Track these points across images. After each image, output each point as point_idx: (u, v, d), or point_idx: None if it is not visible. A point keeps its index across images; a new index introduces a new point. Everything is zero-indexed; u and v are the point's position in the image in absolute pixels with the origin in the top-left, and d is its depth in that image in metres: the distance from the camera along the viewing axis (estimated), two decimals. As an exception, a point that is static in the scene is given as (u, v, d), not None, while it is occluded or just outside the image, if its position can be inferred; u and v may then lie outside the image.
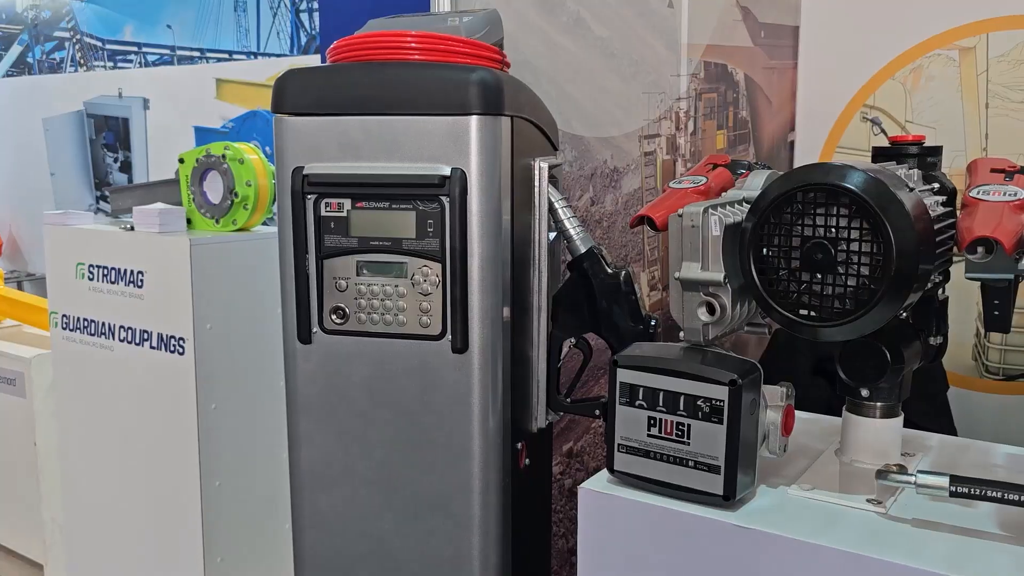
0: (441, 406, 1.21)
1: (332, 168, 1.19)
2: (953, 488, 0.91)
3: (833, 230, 0.92)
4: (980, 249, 0.87)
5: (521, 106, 1.23)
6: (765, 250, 0.97)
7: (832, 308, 0.94)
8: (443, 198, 1.15)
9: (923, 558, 0.87)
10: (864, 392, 1.08)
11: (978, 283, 0.97)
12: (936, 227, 0.96)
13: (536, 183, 1.26)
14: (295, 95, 1.21)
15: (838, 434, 1.13)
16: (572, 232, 1.32)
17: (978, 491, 0.90)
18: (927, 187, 1.05)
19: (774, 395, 1.03)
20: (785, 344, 1.45)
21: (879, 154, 1.14)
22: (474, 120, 1.14)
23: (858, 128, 3.17)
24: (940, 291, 1.11)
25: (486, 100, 1.14)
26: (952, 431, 2.02)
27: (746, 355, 1.02)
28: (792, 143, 3.23)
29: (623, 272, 1.30)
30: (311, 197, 1.20)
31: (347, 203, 1.19)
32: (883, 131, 3.16)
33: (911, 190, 0.94)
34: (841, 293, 0.93)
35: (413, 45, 1.19)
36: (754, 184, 1.08)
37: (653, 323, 1.31)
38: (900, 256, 0.89)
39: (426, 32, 1.20)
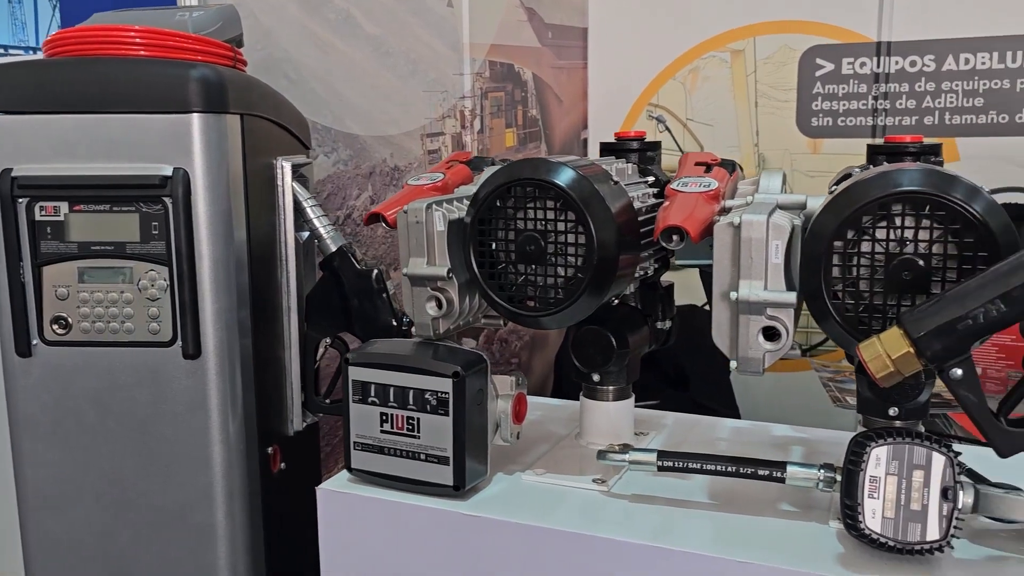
0: (176, 414, 1.16)
1: (45, 170, 1.12)
2: (660, 463, 0.96)
3: (543, 223, 0.96)
4: (675, 238, 0.92)
5: (254, 104, 1.20)
6: (485, 243, 0.99)
7: (548, 298, 0.98)
8: (166, 199, 1.11)
9: (631, 530, 0.92)
10: (595, 377, 1.13)
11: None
12: (641, 218, 1.01)
13: (279, 182, 1.24)
14: (2, 92, 1.13)
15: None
16: (322, 231, 1.30)
17: (682, 464, 0.96)
18: (642, 180, 1.11)
19: (504, 384, 1.06)
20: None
21: (604, 149, 1.19)
22: (196, 118, 1.10)
23: (645, 126, 3.32)
24: (661, 278, 1.18)
25: (208, 98, 1.10)
26: (735, 409, 2.17)
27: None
28: (585, 141, 3.36)
29: (375, 271, 1.30)
30: (22, 201, 1.12)
31: (64, 206, 1.12)
32: (667, 129, 3.34)
33: (615, 183, 0.99)
34: (554, 283, 0.97)
35: (137, 40, 1.14)
36: (487, 180, 1.11)
37: (407, 320, 1.32)
38: (601, 246, 0.93)
39: (148, 27, 1.15)
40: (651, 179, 1.12)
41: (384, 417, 1.01)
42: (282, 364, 1.28)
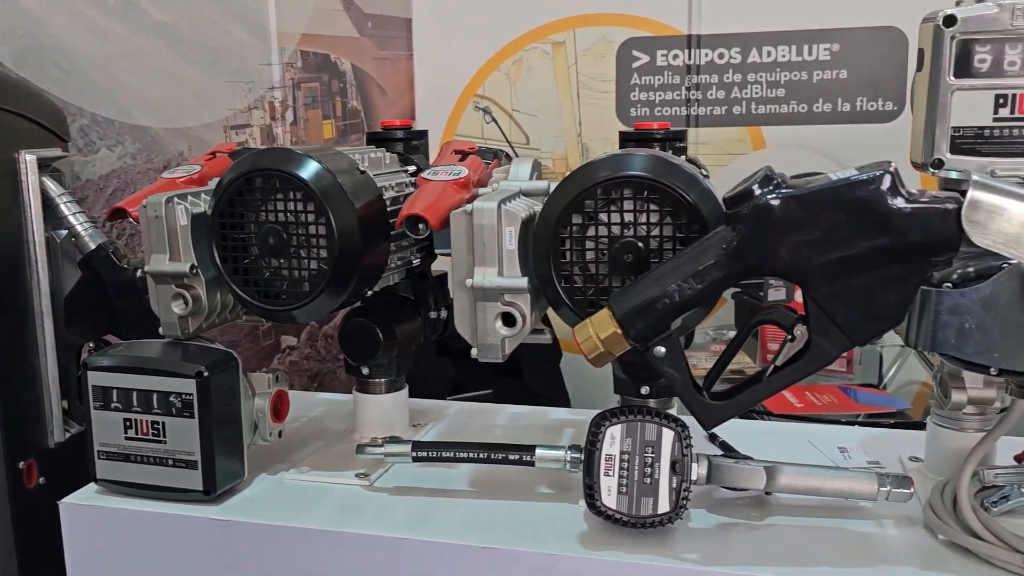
0: (-99, 433, 1.07)
1: None
2: (415, 453, 0.96)
3: (285, 215, 0.93)
4: (421, 226, 0.92)
5: (-14, 94, 1.11)
6: (229, 237, 0.95)
7: (296, 292, 0.95)
8: None
9: (382, 524, 0.91)
10: (364, 370, 1.12)
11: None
12: (393, 208, 1.00)
13: (23, 178, 1.15)
14: None
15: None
16: (79, 228, 1.22)
17: (436, 453, 0.96)
18: (401, 169, 1.09)
19: (261, 382, 1.03)
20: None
21: (370, 138, 1.17)
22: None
23: (472, 117, 3.35)
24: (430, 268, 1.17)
25: (-78, 86, 1.01)
26: (565, 396, 2.20)
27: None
28: (414, 132, 3.33)
29: (140, 270, 1.24)
30: None
31: None
32: (494, 120, 3.36)
33: (362, 173, 0.97)
34: (300, 276, 0.94)
35: None
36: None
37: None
38: (343, 237, 0.91)
39: None
40: (412, 168, 1.11)
41: (128, 423, 0.96)
42: (37, 372, 1.20)
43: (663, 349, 0.76)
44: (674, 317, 0.74)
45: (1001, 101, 0.82)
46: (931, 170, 0.84)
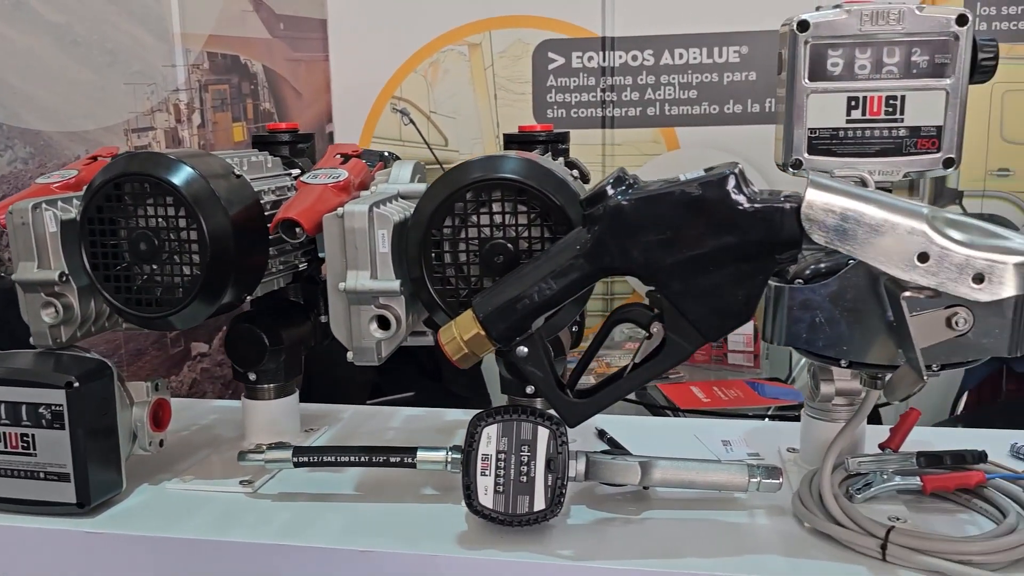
0: None
1: None
2: (296, 459, 0.95)
3: (156, 220, 0.92)
4: (297, 230, 0.91)
5: None
6: (99, 243, 0.93)
7: (171, 298, 0.94)
8: None
9: (259, 532, 0.90)
10: (252, 376, 1.10)
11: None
12: (270, 212, 0.99)
13: None
14: None
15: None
16: (-48, 236, 1.18)
17: (317, 458, 0.95)
18: (285, 172, 1.09)
19: (140, 391, 1.00)
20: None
21: (256, 141, 1.16)
22: None
23: (390, 119, 3.33)
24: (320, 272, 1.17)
25: None
26: (486, 397, 2.20)
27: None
28: (331, 134, 3.31)
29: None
30: None
31: None
32: (412, 121, 3.35)
33: (238, 177, 0.96)
34: (172, 283, 0.93)
35: None
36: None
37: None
38: (215, 241, 0.90)
39: None
40: (296, 172, 1.10)
41: (-4, 436, 0.93)
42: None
43: (525, 349, 0.77)
44: (535, 317, 0.75)
45: (853, 103, 0.85)
46: (791, 170, 0.87)
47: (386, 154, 1.17)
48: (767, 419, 2.06)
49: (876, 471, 0.91)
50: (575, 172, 1.03)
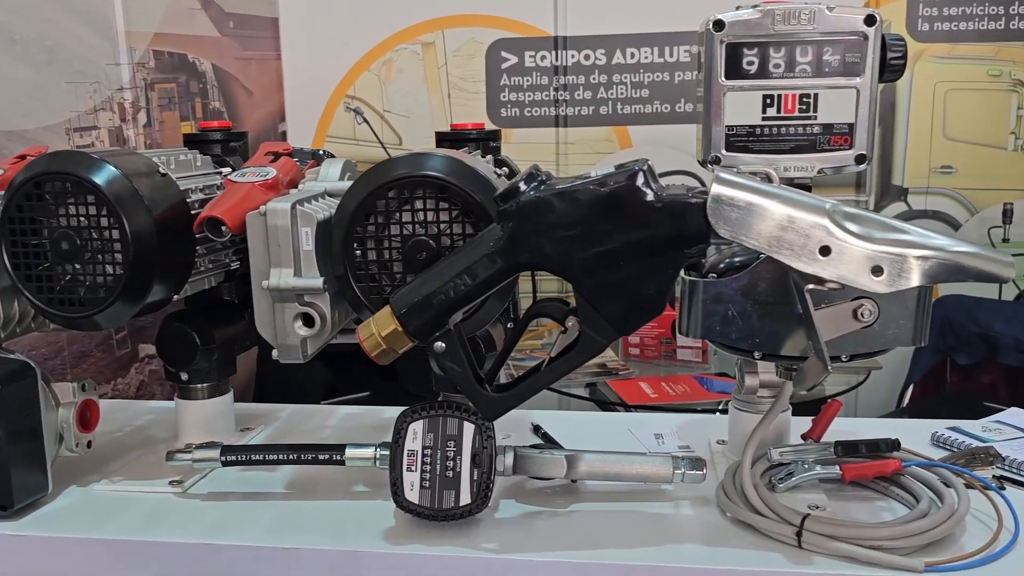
0: None
1: None
2: (224, 458, 0.95)
3: (77, 219, 0.91)
4: (223, 228, 0.91)
5: None
6: (21, 243, 0.92)
7: (95, 298, 0.93)
8: None
9: (185, 531, 0.90)
10: (183, 375, 1.10)
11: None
12: (197, 211, 0.99)
13: None
14: None
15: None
16: None
17: (245, 457, 0.95)
18: (215, 171, 1.08)
19: (66, 392, 1.00)
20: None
21: (187, 140, 1.15)
22: None
23: (343, 118, 3.32)
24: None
25: None
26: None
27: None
28: (284, 133, 3.29)
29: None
30: None
31: None
32: (365, 120, 3.34)
33: (163, 176, 0.96)
34: (94, 283, 0.92)
35: None
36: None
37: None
38: (138, 241, 0.90)
39: None
40: (227, 170, 1.10)
41: (-84, 440, 0.92)
42: None
43: (443, 345, 0.77)
44: (451, 313, 0.76)
45: (768, 101, 0.87)
46: (710, 166, 0.89)
47: (321, 153, 1.17)
48: (718, 413, 2.08)
49: (797, 461, 0.93)
50: (504, 170, 1.04)
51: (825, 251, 0.69)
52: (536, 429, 1.15)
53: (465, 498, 0.87)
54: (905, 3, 2.84)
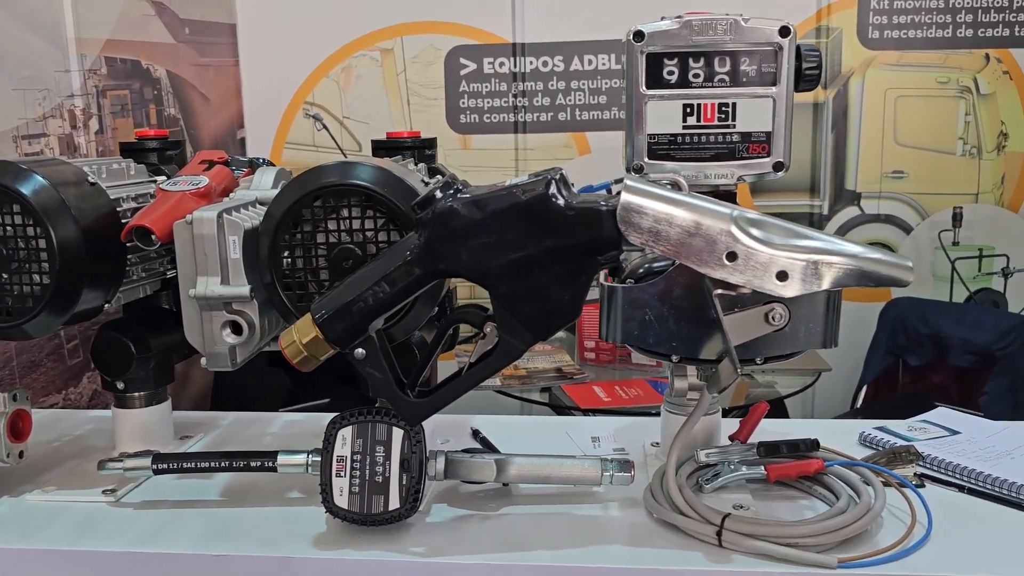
0: None
1: None
2: (155, 466, 0.95)
3: (5, 228, 0.91)
4: (152, 237, 0.91)
5: None
6: (-52, 254, 0.92)
7: (23, 307, 0.93)
8: None
9: (119, 540, 0.90)
10: (120, 384, 1.10)
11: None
12: (126, 220, 0.99)
13: None
14: None
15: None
16: None
17: (177, 465, 0.95)
18: (150, 179, 1.08)
19: (-2, 402, 0.99)
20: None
21: (123, 150, 1.15)
22: None
23: (302, 124, 3.32)
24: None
25: None
26: None
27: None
28: (243, 140, 3.28)
29: None
30: None
31: None
32: (325, 127, 3.34)
33: (93, 185, 0.96)
34: (27, 292, 0.92)
35: None
36: None
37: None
38: (64, 250, 0.90)
39: None
40: (162, 178, 1.10)
41: None
42: None
43: (363, 351, 0.78)
44: (371, 320, 0.77)
45: (689, 110, 0.89)
46: (633, 174, 0.90)
47: (261, 160, 1.18)
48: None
49: (723, 462, 0.95)
50: (438, 178, 1.05)
51: (732, 257, 0.70)
52: (475, 434, 1.16)
53: (394, 503, 0.88)
54: (856, 11, 2.89)
